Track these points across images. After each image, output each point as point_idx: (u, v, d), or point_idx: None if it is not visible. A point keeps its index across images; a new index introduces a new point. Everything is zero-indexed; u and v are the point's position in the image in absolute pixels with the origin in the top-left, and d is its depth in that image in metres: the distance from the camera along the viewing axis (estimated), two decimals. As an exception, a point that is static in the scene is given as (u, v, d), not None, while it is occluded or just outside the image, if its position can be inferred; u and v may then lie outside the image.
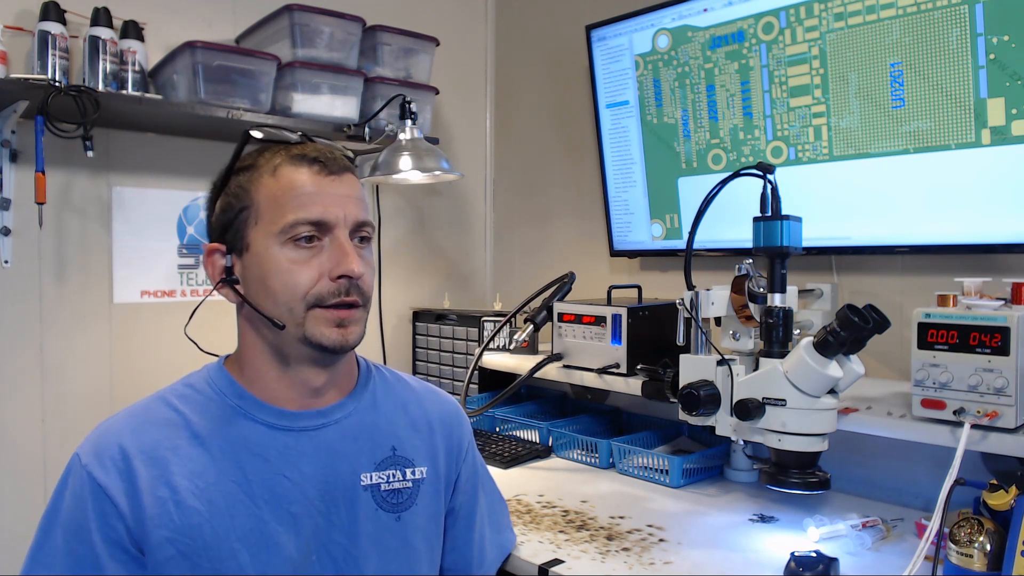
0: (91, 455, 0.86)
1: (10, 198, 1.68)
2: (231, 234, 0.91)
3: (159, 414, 0.90)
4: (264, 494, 0.88)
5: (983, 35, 1.40)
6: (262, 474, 0.88)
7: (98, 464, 0.85)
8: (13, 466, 1.71)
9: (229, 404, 0.91)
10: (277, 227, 0.87)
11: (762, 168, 1.28)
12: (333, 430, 0.94)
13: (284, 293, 0.88)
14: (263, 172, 0.89)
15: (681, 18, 1.89)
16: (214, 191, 0.95)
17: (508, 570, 1.23)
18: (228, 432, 0.89)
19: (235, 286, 0.92)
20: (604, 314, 1.72)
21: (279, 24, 1.91)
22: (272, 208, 0.88)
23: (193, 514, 0.84)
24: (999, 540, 1.04)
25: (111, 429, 0.89)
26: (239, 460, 0.88)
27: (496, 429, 2.00)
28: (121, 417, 0.91)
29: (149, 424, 0.89)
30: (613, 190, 2.14)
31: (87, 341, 1.83)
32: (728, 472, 1.65)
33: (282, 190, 0.88)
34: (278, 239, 0.87)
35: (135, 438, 0.87)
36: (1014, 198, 1.42)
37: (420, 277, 2.53)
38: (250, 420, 0.90)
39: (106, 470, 0.85)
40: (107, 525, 0.84)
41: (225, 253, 0.92)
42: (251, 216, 0.89)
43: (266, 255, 0.88)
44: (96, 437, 0.89)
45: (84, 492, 0.84)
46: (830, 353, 1.18)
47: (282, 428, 0.91)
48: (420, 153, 1.96)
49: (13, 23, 1.67)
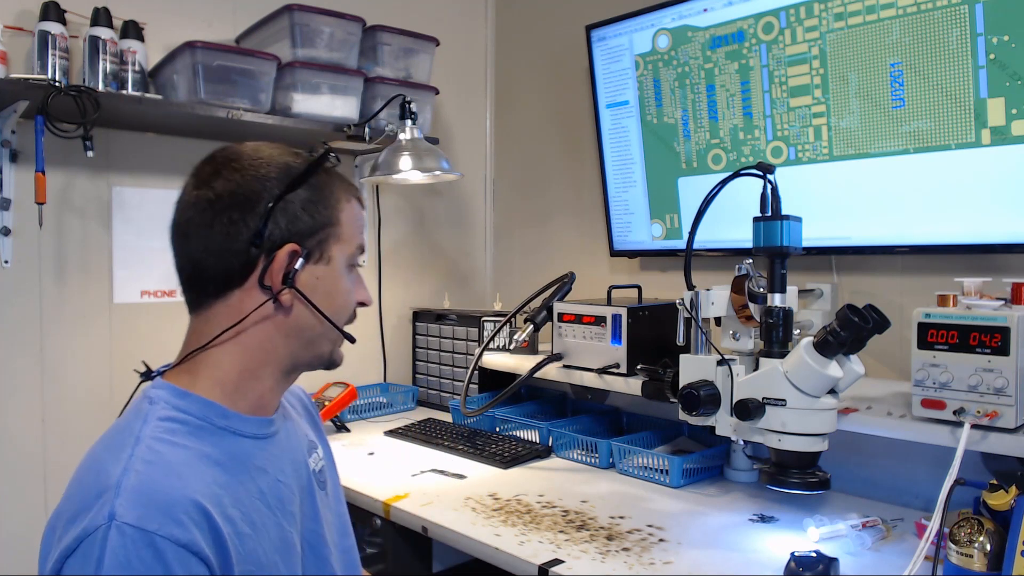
0: (158, 518, 0.73)
1: (10, 198, 1.68)
2: (312, 242, 0.89)
3: (180, 457, 0.80)
4: (275, 502, 0.89)
5: (983, 35, 1.40)
6: (269, 484, 0.89)
7: (175, 524, 0.73)
8: (13, 466, 1.71)
9: (217, 426, 0.87)
10: (351, 250, 0.93)
11: (762, 168, 1.28)
12: (283, 431, 0.97)
13: (341, 313, 0.93)
14: (342, 197, 0.93)
15: (681, 18, 1.89)
16: (278, 192, 0.87)
17: (508, 570, 1.23)
18: (232, 452, 0.87)
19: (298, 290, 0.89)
20: (604, 314, 1.72)
21: (279, 24, 1.91)
22: (350, 232, 0.93)
23: (248, 540, 0.82)
24: (999, 540, 1.04)
25: (157, 485, 0.76)
26: (252, 476, 0.87)
27: (496, 429, 2.00)
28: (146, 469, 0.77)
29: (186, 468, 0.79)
30: (613, 190, 2.14)
31: (87, 341, 1.83)
32: (728, 472, 1.65)
33: (354, 220, 0.94)
34: (347, 262, 0.93)
35: (192, 486, 0.77)
36: (1014, 198, 1.42)
37: (420, 277, 2.53)
38: (239, 436, 0.88)
39: (186, 528, 0.74)
40: None
41: (299, 256, 0.89)
42: (334, 234, 0.91)
43: (341, 274, 0.92)
44: (143, 498, 0.74)
45: (167, 562, 0.72)
46: (830, 353, 1.18)
47: (263, 437, 0.91)
48: (420, 153, 1.96)
49: (13, 23, 1.67)
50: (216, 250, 0.85)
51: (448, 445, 1.85)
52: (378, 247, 2.38)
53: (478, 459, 1.76)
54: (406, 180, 2.11)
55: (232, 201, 0.85)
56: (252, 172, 0.86)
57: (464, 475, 1.66)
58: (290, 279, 0.86)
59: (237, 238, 0.85)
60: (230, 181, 0.86)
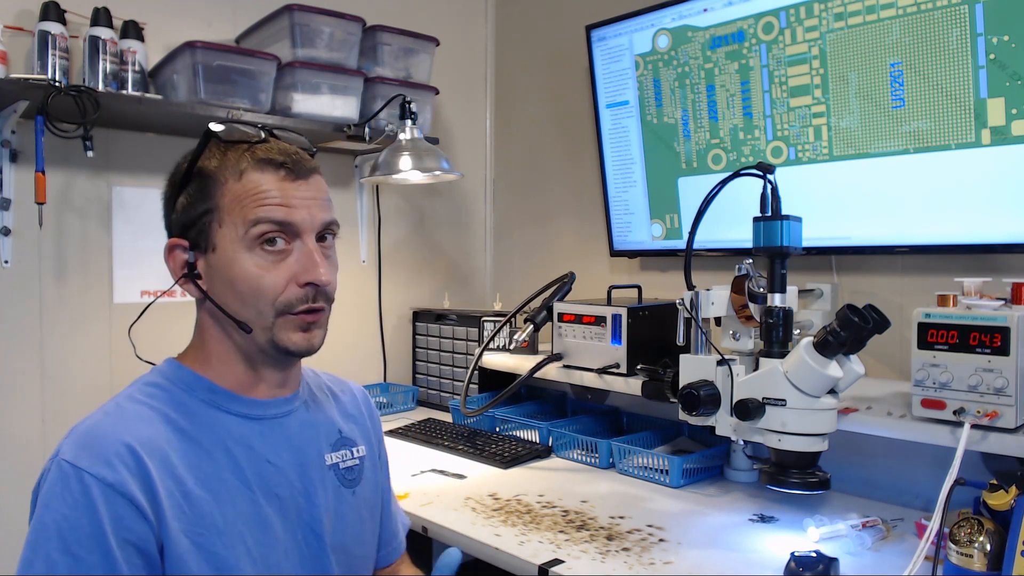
0: (89, 457, 0.80)
1: (10, 198, 1.68)
2: (194, 232, 0.90)
3: (138, 412, 0.87)
4: (255, 479, 0.90)
5: (983, 35, 1.40)
6: (250, 461, 0.91)
7: (104, 464, 0.80)
8: (13, 466, 1.71)
9: (200, 399, 0.91)
10: (243, 230, 0.87)
11: (762, 168, 1.28)
12: (294, 417, 0.98)
13: (252, 297, 0.88)
14: (228, 176, 0.89)
15: (681, 18, 1.89)
16: (173, 186, 0.93)
17: (508, 570, 1.23)
18: (209, 424, 0.90)
19: (197, 282, 0.92)
20: (604, 314, 1.72)
21: (279, 24, 1.91)
22: (237, 212, 0.88)
23: (203, 503, 0.85)
24: (999, 540, 1.04)
25: (100, 429, 0.83)
26: (228, 449, 0.89)
27: (496, 429, 2.00)
28: (101, 417, 0.85)
29: (138, 420, 0.85)
30: (613, 190, 2.14)
31: (87, 341, 1.83)
32: (728, 472, 1.65)
33: (248, 194, 0.88)
34: (244, 243, 0.88)
35: (133, 434, 0.83)
36: (1014, 198, 1.42)
37: (420, 277, 2.53)
38: (224, 412, 0.91)
39: (115, 469, 0.80)
40: (124, 527, 0.79)
41: (187, 249, 0.91)
42: (215, 219, 0.89)
43: (234, 259, 0.88)
44: (84, 439, 0.82)
45: (91, 497, 0.78)
46: (830, 353, 1.18)
47: (255, 417, 0.93)
48: (420, 153, 1.96)
49: (13, 23, 1.67)
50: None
51: (448, 445, 1.85)
52: (378, 247, 2.38)
53: (478, 459, 1.76)
54: (406, 180, 2.11)
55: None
56: (169, 178, 0.96)
57: (464, 475, 1.66)
58: (189, 272, 0.91)
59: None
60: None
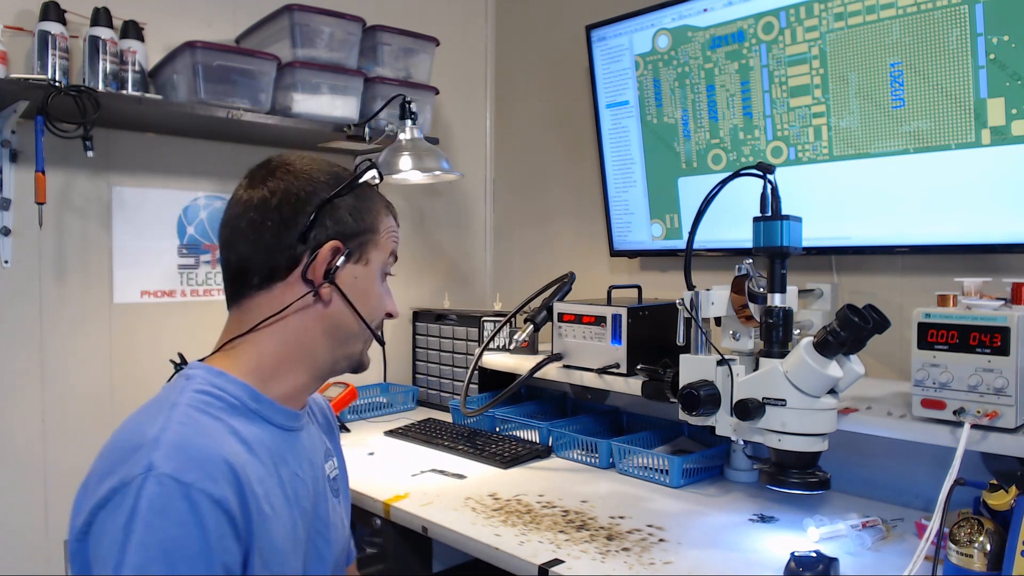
0: (195, 472, 0.74)
1: (10, 198, 1.68)
2: (354, 243, 0.95)
3: (212, 424, 0.83)
4: (292, 494, 0.90)
5: (983, 35, 1.40)
6: (289, 475, 0.91)
7: (210, 480, 0.75)
8: (13, 466, 1.71)
9: (249, 408, 0.89)
10: (385, 257, 0.99)
11: (762, 168, 1.28)
12: (307, 430, 1.00)
13: (374, 315, 0.98)
14: (382, 210, 1.00)
15: (681, 18, 1.89)
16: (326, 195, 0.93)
17: (508, 570, 1.23)
18: (260, 437, 0.88)
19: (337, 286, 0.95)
20: (604, 314, 1.72)
21: (279, 24, 1.91)
22: (386, 241, 0.99)
23: (267, 520, 0.83)
24: (999, 540, 1.04)
25: (194, 442, 0.78)
26: (275, 463, 0.89)
27: (496, 429, 2.00)
28: (182, 428, 0.79)
29: (216, 433, 0.82)
30: (613, 190, 2.14)
31: (87, 341, 1.83)
32: (728, 472, 1.65)
33: (391, 231, 1.01)
34: (382, 269, 0.99)
35: (223, 448, 0.79)
36: (1014, 198, 1.42)
37: (420, 277, 2.53)
38: (266, 422, 0.91)
39: (220, 485, 0.75)
40: (223, 548, 0.75)
41: (343, 255, 0.94)
42: (373, 240, 0.97)
43: (376, 277, 0.98)
44: (181, 452, 0.76)
45: (200, 514, 0.73)
46: (830, 353, 1.18)
47: (288, 428, 0.94)
48: (420, 153, 1.96)
49: (13, 23, 1.67)
50: (265, 246, 0.90)
51: (448, 445, 1.85)
52: (378, 247, 2.38)
53: (478, 459, 1.76)
54: (406, 180, 2.11)
55: (284, 200, 0.91)
56: (304, 176, 0.93)
57: (464, 475, 1.66)
58: (331, 274, 0.91)
59: (285, 235, 0.90)
60: (283, 182, 0.92)
